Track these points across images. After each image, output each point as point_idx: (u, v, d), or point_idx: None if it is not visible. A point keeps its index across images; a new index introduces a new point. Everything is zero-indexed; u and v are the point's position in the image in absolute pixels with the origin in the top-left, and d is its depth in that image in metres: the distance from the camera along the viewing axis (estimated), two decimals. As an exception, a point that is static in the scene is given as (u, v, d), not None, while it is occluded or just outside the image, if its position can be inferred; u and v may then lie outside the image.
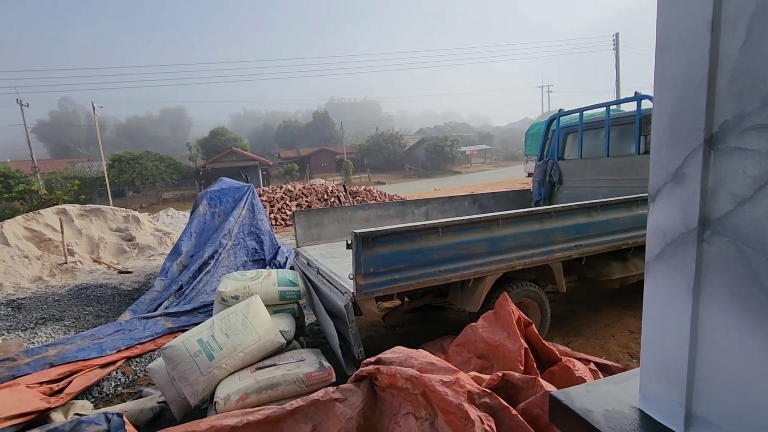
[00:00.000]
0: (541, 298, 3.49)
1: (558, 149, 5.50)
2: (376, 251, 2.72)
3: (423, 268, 2.87)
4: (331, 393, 2.13)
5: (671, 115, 0.69)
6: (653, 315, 0.77)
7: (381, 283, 2.77)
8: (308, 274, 3.76)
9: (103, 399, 3.31)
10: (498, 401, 1.76)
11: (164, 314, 4.54)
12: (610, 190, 4.68)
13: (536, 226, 3.25)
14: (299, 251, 4.40)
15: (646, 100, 4.31)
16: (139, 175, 32.69)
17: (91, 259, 7.95)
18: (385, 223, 5.03)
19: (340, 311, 2.86)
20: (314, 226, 4.69)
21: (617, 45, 25.70)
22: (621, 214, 3.63)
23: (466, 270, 3.02)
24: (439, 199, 5.53)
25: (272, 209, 12.92)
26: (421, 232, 2.85)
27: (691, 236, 0.68)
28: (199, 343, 2.67)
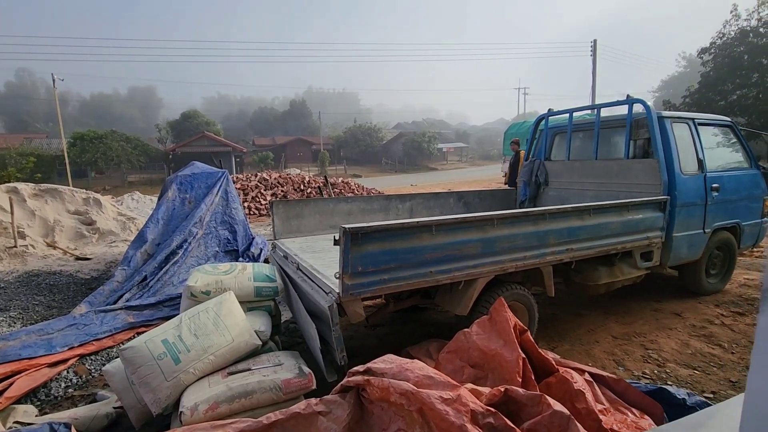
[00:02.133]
0: (530, 302, 3.39)
1: (545, 149, 5.43)
2: (365, 248, 2.50)
3: (414, 269, 2.68)
4: (314, 405, 1.92)
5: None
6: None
7: (369, 283, 2.57)
8: (286, 268, 3.52)
9: (50, 403, 2.96)
10: (503, 421, 1.60)
11: (125, 307, 4.17)
12: (596, 193, 4.64)
13: (531, 227, 3.12)
14: (277, 244, 4.14)
15: (638, 104, 4.25)
16: (103, 156, 30.96)
17: (45, 244, 7.35)
18: (369, 217, 4.81)
19: (322, 312, 2.63)
20: (293, 218, 4.42)
21: (595, 51, 26.29)
22: (612, 219, 3.58)
23: (458, 272, 2.86)
24: (423, 195, 5.37)
25: (246, 198, 12.45)
26: (415, 229, 2.66)
27: None
28: (164, 344, 2.39)
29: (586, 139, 5.05)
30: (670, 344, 3.61)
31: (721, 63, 17.34)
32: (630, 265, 3.94)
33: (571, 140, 5.07)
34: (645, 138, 4.30)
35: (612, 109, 4.93)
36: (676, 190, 3.98)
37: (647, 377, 3.11)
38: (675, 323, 4.03)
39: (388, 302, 3.38)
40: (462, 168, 45.47)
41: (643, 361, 3.37)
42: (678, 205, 3.99)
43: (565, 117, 5.10)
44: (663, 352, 3.48)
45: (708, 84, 17.68)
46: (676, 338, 3.72)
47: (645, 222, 3.80)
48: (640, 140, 4.39)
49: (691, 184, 4.14)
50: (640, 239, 3.81)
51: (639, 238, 3.80)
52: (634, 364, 3.31)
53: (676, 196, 3.98)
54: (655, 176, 4.04)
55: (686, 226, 4.11)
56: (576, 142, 5.13)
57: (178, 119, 45.12)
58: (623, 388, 2.38)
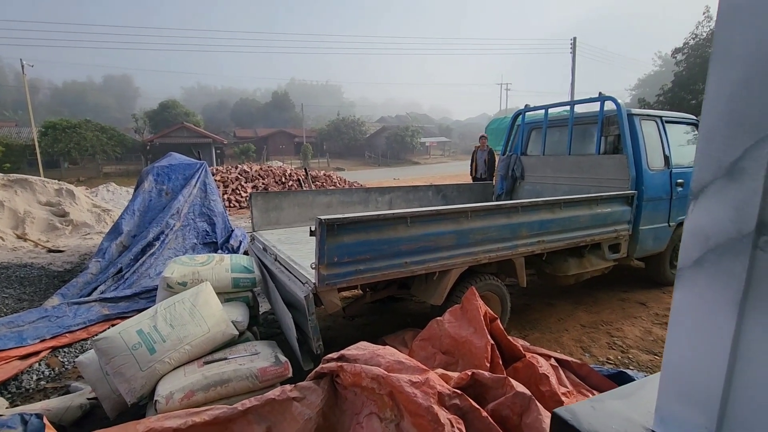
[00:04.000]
0: (503, 292, 3.50)
1: (522, 144, 5.56)
2: (341, 239, 2.55)
3: (389, 259, 2.75)
4: (288, 391, 1.96)
5: (731, 99, 0.59)
6: (683, 327, 0.68)
7: (345, 273, 2.62)
8: (264, 260, 3.53)
9: (21, 395, 2.92)
10: (468, 402, 1.68)
11: (100, 299, 4.12)
12: (569, 187, 4.78)
13: (503, 220, 3.22)
14: (255, 235, 4.14)
15: (609, 101, 4.40)
16: (77, 146, 29.91)
17: (15, 236, 7.12)
18: (348, 209, 4.84)
19: (298, 302, 2.67)
20: (272, 210, 4.42)
21: (574, 49, 26.73)
22: (582, 212, 3.71)
23: (432, 263, 2.93)
24: (403, 188, 5.42)
25: (226, 190, 12.29)
26: (390, 221, 2.72)
27: (743, 242, 0.58)
28: (139, 334, 2.39)
29: (561, 135, 5.18)
30: (634, 332, 3.79)
31: (693, 63, 17.91)
32: (598, 256, 4.10)
33: (547, 136, 5.20)
34: (615, 134, 4.46)
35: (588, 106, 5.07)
36: (643, 185, 4.15)
37: (611, 362, 3.26)
38: (640, 312, 4.22)
39: (364, 293, 3.44)
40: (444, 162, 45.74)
41: (609, 347, 3.53)
42: (645, 199, 4.16)
43: (541, 113, 5.23)
44: (627, 339, 3.65)
45: (680, 83, 18.24)
46: (640, 326, 3.90)
47: (613, 215, 3.95)
48: (610, 136, 4.55)
49: (658, 180, 4.31)
50: (608, 232, 3.96)
51: (607, 231, 3.95)
52: (600, 351, 3.46)
53: (643, 191, 4.15)
54: (624, 171, 4.19)
55: (652, 219, 4.29)
56: (552, 137, 5.26)
57: (156, 109, 43.89)
58: (586, 372, 2.51)
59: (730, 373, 0.61)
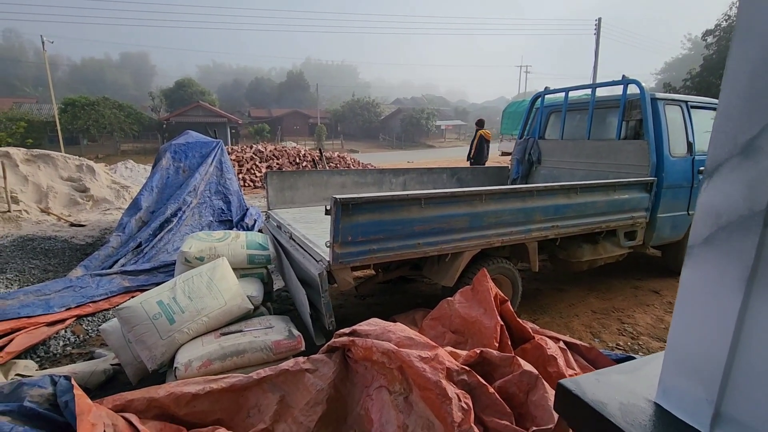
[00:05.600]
0: (515, 276, 3.51)
1: (540, 128, 5.46)
2: (355, 219, 2.58)
3: (402, 240, 2.77)
4: (302, 363, 2.04)
5: (753, 76, 0.58)
6: (690, 304, 0.69)
7: (358, 252, 2.66)
8: (279, 238, 3.60)
9: (49, 359, 3.08)
10: (476, 379, 1.72)
11: (120, 272, 4.26)
12: (587, 173, 4.70)
13: (518, 204, 3.20)
14: (270, 214, 4.21)
15: (633, 84, 4.28)
16: (95, 123, 30.40)
17: (39, 209, 7.36)
18: (362, 190, 4.86)
19: (312, 279, 2.73)
20: (287, 189, 4.47)
21: (599, 30, 25.82)
22: (599, 198, 3.66)
23: (445, 244, 2.95)
24: (417, 170, 5.41)
25: (241, 170, 12.41)
26: (404, 202, 2.73)
27: (754, 220, 0.59)
28: (159, 305, 2.49)
29: (581, 119, 5.06)
30: (646, 319, 3.78)
31: (724, 46, 17.17)
32: (613, 243, 4.06)
33: (566, 120, 5.09)
34: (637, 119, 4.33)
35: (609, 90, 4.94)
36: (663, 171, 4.06)
37: (620, 348, 3.27)
38: (653, 300, 4.19)
39: (377, 272, 3.49)
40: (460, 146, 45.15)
41: (619, 334, 3.53)
42: (664, 186, 4.07)
43: (561, 96, 5.11)
44: (638, 326, 3.64)
45: (710, 67, 17.53)
46: (652, 314, 3.89)
47: (631, 202, 3.89)
48: (632, 121, 4.43)
49: (679, 167, 4.21)
50: (624, 219, 3.91)
51: (624, 218, 3.90)
52: (610, 336, 3.47)
53: (663, 178, 4.06)
54: (644, 157, 4.10)
55: (671, 207, 4.20)
56: (571, 121, 5.14)
57: (172, 87, 44.18)
58: (594, 355, 2.53)
59: (734, 348, 0.63)
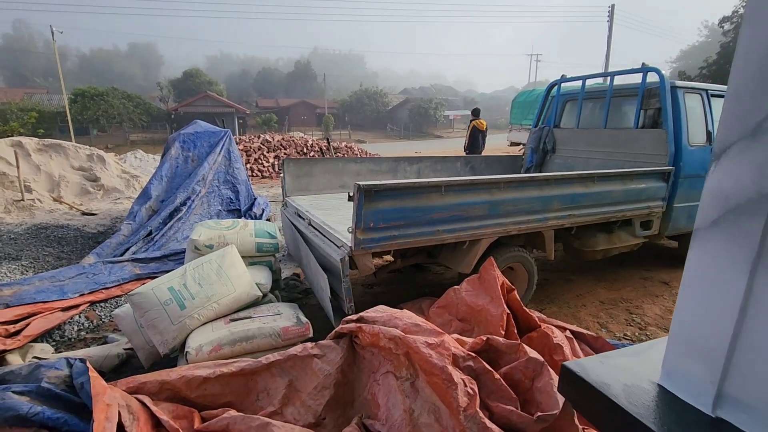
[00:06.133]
0: (531, 264, 3.53)
1: (555, 117, 5.40)
2: (377, 205, 2.62)
3: (422, 227, 2.81)
4: (310, 348, 2.07)
5: (763, 58, 0.58)
6: (695, 286, 0.70)
7: (380, 238, 2.70)
8: (298, 224, 3.64)
9: (65, 343, 3.16)
10: (482, 365, 1.74)
11: (132, 260, 4.34)
12: (602, 162, 4.66)
13: (535, 192, 3.22)
14: (288, 201, 4.26)
15: (653, 72, 4.21)
16: (105, 113, 30.64)
17: (52, 198, 7.48)
18: (377, 178, 4.88)
19: (333, 265, 2.78)
20: (304, 176, 4.52)
21: (612, 17, 25.27)
22: (615, 187, 3.67)
23: (463, 232, 2.99)
24: (431, 158, 5.44)
25: (248, 159, 12.46)
26: (425, 189, 2.78)
27: (762, 202, 0.59)
28: (170, 291, 2.54)
29: (597, 108, 4.99)
30: (654, 310, 3.76)
31: (740, 33, 16.71)
32: (629, 232, 4.05)
33: (582, 108, 5.03)
34: (656, 108, 4.26)
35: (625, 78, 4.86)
36: (681, 161, 4.01)
37: (627, 338, 3.27)
38: (662, 291, 4.17)
39: (395, 259, 3.53)
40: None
41: (626, 324, 3.53)
42: (682, 176, 4.03)
43: (577, 84, 5.05)
44: (646, 317, 3.63)
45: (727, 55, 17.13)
46: (661, 305, 3.87)
47: (647, 191, 3.86)
48: (650, 110, 4.35)
49: (698, 156, 4.14)
50: (641, 208, 3.89)
51: (640, 207, 3.88)
52: (617, 327, 3.47)
53: (681, 168, 4.01)
54: (663, 147, 4.05)
55: (688, 197, 4.15)
56: (586, 110, 5.09)
57: (180, 78, 44.30)
58: (601, 345, 2.53)
59: (737, 331, 0.63)
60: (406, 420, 1.73)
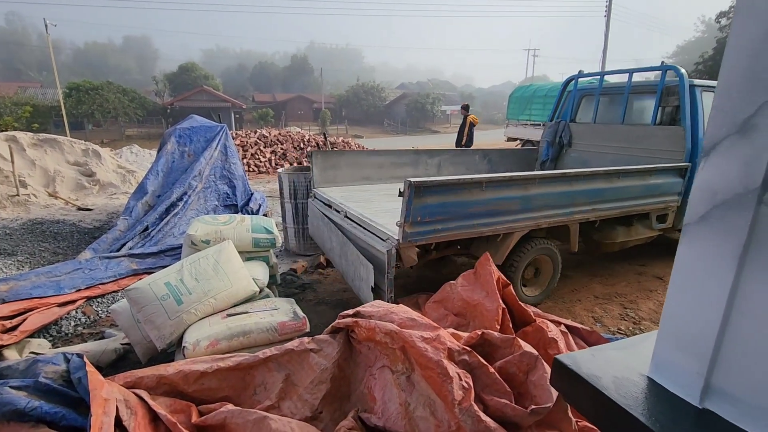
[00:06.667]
0: (557, 255, 3.69)
1: (571, 111, 5.53)
2: (424, 201, 2.74)
3: (462, 220, 2.96)
4: (306, 343, 2.08)
5: (752, 55, 0.59)
6: (684, 280, 0.71)
7: (424, 232, 2.82)
8: (331, 216, 3.76)
9: (62, 338, 3.16)
10: (477, 359, 1.76)
11: (128, 255, 4.33)
12: (618, 157, 4.77)
13: (565, 187, 3.38)
14: (315, 192, 4.38)
15: (671, 71, 4.34)
16: (100, 108, 30.35)
17: (47, 193, 7.44)
18: (399, 170, 5.01)
19: (374, 256, 2.91)
20: (330, 168, 4.61)
21: (609, 12, 25.21)
22: (637, 182, 3.81)
23: (499, 225, 3.13)
24: (451, 151, 5.60)
25: (245, 154, 12.41)
26: (468, 185, 2.91)
27: (749, 197, 0.60)
28: (167, 286, 2.54)
29: (613, 103, 5.11)
30: (649, 305, 3.80)
31: (737, 29, 16.74)
32: (645, 225, 4.22)
33: (599, 104, 5.16)
34: (674, 105, 4.38)
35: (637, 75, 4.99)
36: (697, 157, 4.11)
37: (621, 333, 3.30)
38: (656, 286, 4.21)
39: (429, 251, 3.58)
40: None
41: (621, 318, 3.56)
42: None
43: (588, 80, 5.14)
44: (640, 312, 3.67)
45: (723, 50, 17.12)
46: (655, 300, 3.91)
47: (665, 186, 4.00)
48: (668, 107, 4.47)
49: None
50: (658, 202, 4.04)
51: (658, 202, 4.03)
52: (612, 321, 3.50)
53: (697, 164, 4.12)
54: (680, 143, 4.16)
55: None
56: (602, 105, 5.20)
57: (176, 72, 43.93)
58: (595, 339, 2.56)
59: (725, 323, 0.65)
60: (402, 413, 1.75)
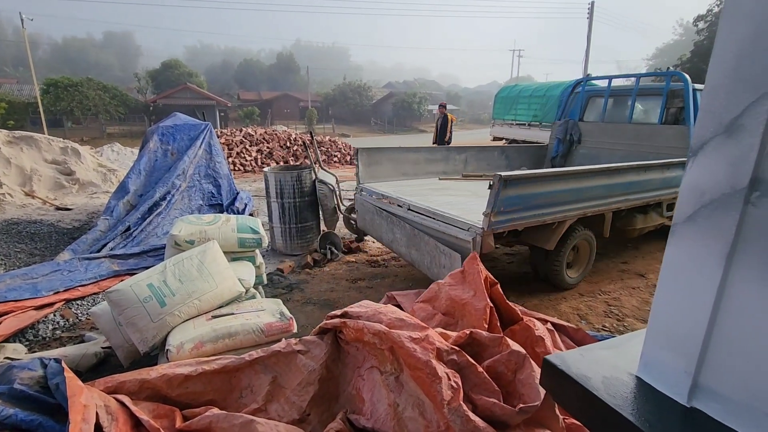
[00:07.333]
0: (593, 241, 4.04)
1: (579, 111, 6.00)
2: (509, 193, 2.96)
3: (531, 210, 3.21)
4: (294, 345, 2.06)
5: (738, 56, 0.59)
6: (672, 280, 0.71)
7: (503, 221, 3.06)
8: (388, 209, 4.03)
9: (39, 343, 3.06)
10: (465, 358, 1.76)
11: (109, 256, 4.22)
12: (626, 153, 5.19)
13: (606, 180, 3.70)
14: (363, 187, 4.58)
15: (676, 76, 4.89)
16: (79, 105, 29.55)
17: (23, 193, 7.22)
18: (432, 166, 5.35)
19: (455, 244, 3.18)
20: (373, 164, 4.80)
21: (591, 14, 25.63)
22: (657, 175, 4.15)
23: (557, 214, 3.39)
24: (474, 148, 6.02)
25: (230, 153, 12.25)
26: (545, 178, 3.24)
27: (736, 197, 0.61)
28: (150, 288, 2.48)
29: (617, 104, 5.65)
30: (632, 301, 3.87)
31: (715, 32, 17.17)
32: (658, 213, 4.60)
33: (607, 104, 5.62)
34: (678, 107, 4.90)
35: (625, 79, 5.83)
36: None
37: (606, 329, 3.36)
38: (638, 283, 4.29)
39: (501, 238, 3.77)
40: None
41: (605, 316, 3.62)
42: None
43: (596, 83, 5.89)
44: (624, 308, 3.73)
45: (700, 53, 17.60)
46: (638, 296, 3.98)
47: (677, 179, 4.32)
48: (673, 108, 4.97)
49: None
50: (670, 193, 4.38)
51: (670, 192, 4.37)
52: (597, 319, 3.55)
53: None
54: (684, 141, 4.64)
55: None
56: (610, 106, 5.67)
57: (159, 69, 43.08)
58: (581, 336, 2.59)
59: (712, 322, 0.65)
60: (391, 414, 1.74)
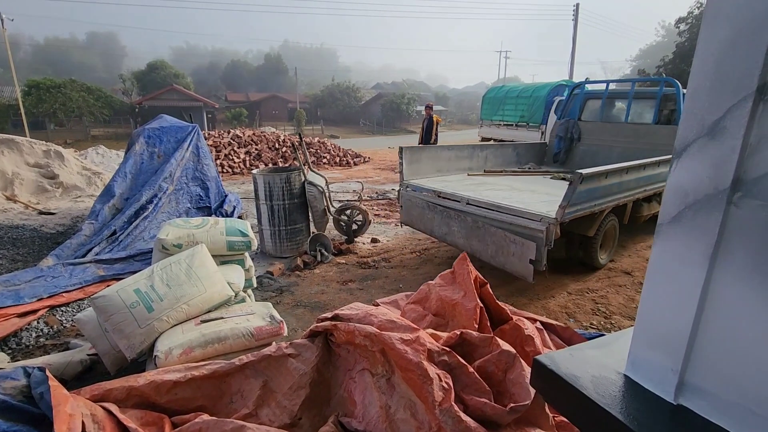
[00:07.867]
0: (618, 227, 4.54)
1: (578, 111, 6.48)
2: (581, 187, 3.22)
3: (588, 202, 3.54)
4: (284, 348, 2.04)
5: (719, 59, 0.60)
6: (658, 279, 0.72)
7: (570, 212, 3.31)
8: (441, 203, 4.25)
9: (22, 351, 2.99)
10: (456, 359, 1.76)
11: (95, 261, 4.15)
12: (624, 150, 5.69)
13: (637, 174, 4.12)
14: (408, 183, 4.80)
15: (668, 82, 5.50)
16: (63, 107, 28.93)
17: (4, 197, 7.04)
18: (460, 162, 5.62)
19: (527, 234, 3.39)
20: (414, 162, 5.00)
21: (576, 16, 25.99)
22: (666, 169, 4.46)
23: (602, 204, 3.76)
24: (492, 146, 6.39)
25: (218, 155, 12.12)
26: (613, 173, 3.65)
27: (719, 198, 0.62)
28: (137, 293, 2.44)
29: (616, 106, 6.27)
30: (618, 299, 3.93)
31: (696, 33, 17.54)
32: (658, 202, 5.00)
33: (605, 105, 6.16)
34: (670, 109, 5.50)
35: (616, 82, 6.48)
36: None
37: (594, 327, 3.40)
38: (625, 281, 4.36)
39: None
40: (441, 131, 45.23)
41: (593, 314, 3.67)
42: None
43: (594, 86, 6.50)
44: (611, 306, 3.79)
45: (682, 54, 17.97)
46: (624, 294, 4.04)
47: None
48: (666, 110, 5.56)
49: None
50: None
51: None
52: (584, 317, 3.60)
53: None
54: None
55: None
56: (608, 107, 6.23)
57: (144, 70, 42.44)
58: (570, 335, 2.62)
59: (697, 321, 0.66)
60: (383, 416, 1.74)
